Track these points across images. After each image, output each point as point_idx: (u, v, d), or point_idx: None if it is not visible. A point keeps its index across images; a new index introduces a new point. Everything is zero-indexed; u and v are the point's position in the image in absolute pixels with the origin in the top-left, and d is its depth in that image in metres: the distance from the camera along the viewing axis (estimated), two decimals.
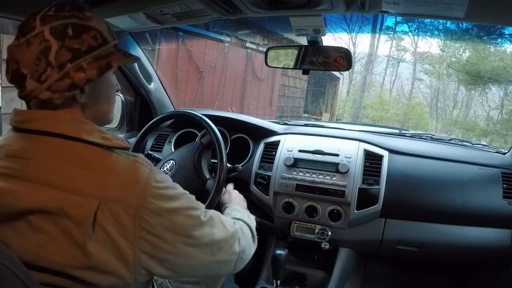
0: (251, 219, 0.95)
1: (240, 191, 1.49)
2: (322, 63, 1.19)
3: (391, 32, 11.68)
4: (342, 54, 1.17)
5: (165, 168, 1.29)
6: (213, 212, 0.73)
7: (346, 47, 1.60)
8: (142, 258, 0.59)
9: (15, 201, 0.56)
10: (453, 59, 10.39)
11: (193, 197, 0.69)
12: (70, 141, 0.60)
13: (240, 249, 0.77)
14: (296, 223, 1.36)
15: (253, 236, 0.90)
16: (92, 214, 0.55)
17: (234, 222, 0.82)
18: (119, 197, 0.57)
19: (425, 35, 10.85)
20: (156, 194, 0.60)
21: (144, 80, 1.61)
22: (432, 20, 8.19)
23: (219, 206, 1.32)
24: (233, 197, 1.12)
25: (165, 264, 0.62)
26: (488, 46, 8.43)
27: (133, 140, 1.41)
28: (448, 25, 8.94)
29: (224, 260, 0.72)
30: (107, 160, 0.60)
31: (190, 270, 0.67)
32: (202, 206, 0.70)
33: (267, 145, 1.49)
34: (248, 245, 0.83)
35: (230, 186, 1.21)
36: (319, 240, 1.32)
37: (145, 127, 1.40)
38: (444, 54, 10.91)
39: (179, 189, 0.67)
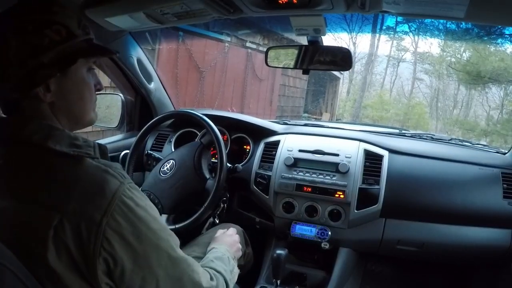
0: (233, 275, 0.88)
1: (240, 191, 1.50)
2: (322, 63, 1.19)
3: (392, 32, 11.68)
4: (342, 54, 1.17)
5: (165, 168, 1.29)
6: (190, 259, 0.68)
7: (347, 47, 1.60)
8: (103, 279, 0.54)
9: None
10: (453, 59, 10.39)
11: (164, 225, 0.63)
12: (37, 149, 0.57)
13: None
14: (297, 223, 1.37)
15: None
16: (51, 228, 0.51)
17: (212, 277, 0.75)
18: (81, 211, 0.53)
19: (426, 35, 10.85)
20: (122, 212, 0.55)
21: (144, 80, 1.60)
22: (432, 20, 8.18)
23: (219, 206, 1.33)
24: (227, 240, 1.02)
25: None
26: (488, 46, 8.42)
27: (133, 140, 1.41)
28: (448, 25, 8.95)
29: None
30: (73, 171, 0.56)
31: None
32: (176, 241, 0.64)
33: (267, 145, 1.49)
34: None
35: (231, 230, 1.12)
36: (319, 240, 1.32)
37: (145, 127, 1.40)
38: (445, 54, 10.91)
39: (152, 211, 0.61)
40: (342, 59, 1.17)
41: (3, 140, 0.59)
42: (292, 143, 1.45)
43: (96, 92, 0.69)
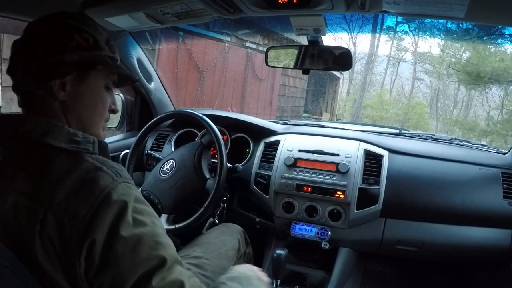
0: None
1: (240, 191, 1.50)
2: (322, 62, 1.19)
3: (392, 32, 11.69)
4: (342, 54, 1.17)
5: (165, 168, 1.29)
6: (188, 273, 0.60)
7: (347, 47, 1.60)
8: (82, 277, 0.52)
9: None
10: (454, 59, 10.39)
11: (160, 233, 0.57)
12: (36, 145, 0.58)
13: None
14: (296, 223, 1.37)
15: None
16: (38, 222, 0.51)
17: None
18: (67, 206, 0.52)
19: (426, 35, 10.85)
20: (109, 211, 0.52)
21: (144, 80, 1.60)
22: (432, 20, 8.18)
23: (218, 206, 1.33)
24: (254, 270, 0.83)
25: None
26: (488, 46, 8.42)
27: (133, 140, 1.41)
28: (448, 25, 8.95)
29: None
30: (66, 166, 0.56)
31: None
32: (173, 253, 0.58)
33: (267, 144, 1.49)
34: None
35: (262, 275, 0.84)
36: (319, 240, 1.32)
37: (145, 127, 1.40)
38: (445, 54, 10.91)
39: (147, 216, 0.57)
40: (342, 59, 1.17)
41: (2, 138, 0.61)
42: (292, 143, 1.45)
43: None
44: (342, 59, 1.17)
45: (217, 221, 1.31)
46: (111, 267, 0.52)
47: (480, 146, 1.53)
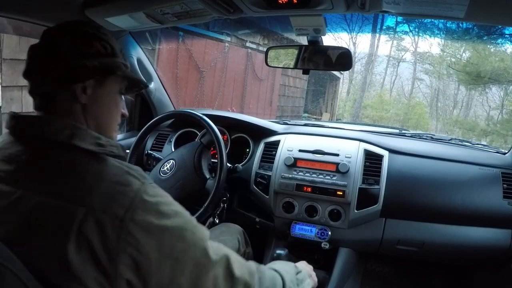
0: (301, 282, 0.84)
1: (240, 191, 1.50)
2: (322, 62, 1.20)
3: (392, 32, 11.68)
4: (342, 54, 1.17)
5: (165, 168, 1.29)
6: (227, 251, 0.67)
7: (347, 46, 1.60)
8: (125, 273, 0.55)
9: (4, 205, 0.56)
10: (454, 59, 10.38)
11: (191, 219, 0.64)
12: (62, 147, 0.60)
13: None
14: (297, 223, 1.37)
15: None
16: (76, 222, 0.53)
17: (254, 270, 0.71)
18: (106, 207, 0.55)
19: (426, 35, 10.85)
20: (146, 208, 0.57)
21: (144, 80, 1.60)
22: (432, 20, 8.18)
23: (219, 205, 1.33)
24: (307, 268, 0.96)
25: (146, 284, 0.57)
26: (488, 46, 8.42)
27: (133, 140, 1.41)
28: (448, 25, 8.94)
29: None
30: (97, 168, 0.59)
31: None
32: (202, 232, 0.65)
33: (267, 144, 1.49)
34: None
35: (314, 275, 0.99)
36: (319, 240, 1.32)
37: (145, 127, 1.40)
38: (445, 54, 10.91)
39: (176, 207, 0.63)
40: (342, 59, 1.17)
41: (25, 138, 0.62)
42: (292, 143, 1.45)
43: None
44: (342, 59, 1.17)
45: (217, 221, 1.31)
46: (167, 258, 0.57)
47: (480, 146, 1.53)
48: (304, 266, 0.95)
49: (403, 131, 1.68)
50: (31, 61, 0.65)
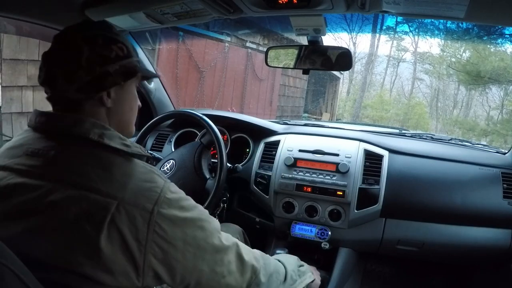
0: (302, 274, 0.94)
1: (240, 191, 1.50)
2: (323, 62, 1.19)
3: (392, 32, 11.68)
4: (342, 54, 1.17)
5: (165, 168, 1.29)
6: (235, 239, 0.75)
7: (347, 46, 1.60)
8: (152, 262, 0.60)
9: (32, 198, 0.58)
10: (453, 59, 10.38)
11: (206, 211, 0.71)
12: (92, 144, 0.63)
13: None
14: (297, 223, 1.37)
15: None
16: (109, 213, 0.57)
17: (259, 258, 0.81)
18: (136, 201, 0.60)
19: (426, 35, 10.85)
20: (170, 203, 0.63)
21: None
22: (432, 20, 8.18)
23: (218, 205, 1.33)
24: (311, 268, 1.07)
25: (172, 271, 0.63)
26: (488, 46, 8.41)
27: (133, 140, 1.41)
28: (448, 25, 8.94)
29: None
30: (127, 166, 0.64)
31: (194, 283, 0.68)
32: (216, 222, 0.72)
33: (267, 144, 1.49)
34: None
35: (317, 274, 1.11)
36: (319, 240, 1.32)
37: (145, 127, 1.40)
38: (445, 54, 10.91)
39: (192, 201, 0.69)
40: (342, 59, 1.17)
41: (54, 134, 0.64)
42: (292, 143, 1.45)
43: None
44: (342, 59, 1.17)
45: None
46: (191, 246, 0.64)
47: (480, 146, 1.53)
48: (307, 266, 1.02)
49: (403, 131, 1.68)
50: (48, 68, 0.66)
